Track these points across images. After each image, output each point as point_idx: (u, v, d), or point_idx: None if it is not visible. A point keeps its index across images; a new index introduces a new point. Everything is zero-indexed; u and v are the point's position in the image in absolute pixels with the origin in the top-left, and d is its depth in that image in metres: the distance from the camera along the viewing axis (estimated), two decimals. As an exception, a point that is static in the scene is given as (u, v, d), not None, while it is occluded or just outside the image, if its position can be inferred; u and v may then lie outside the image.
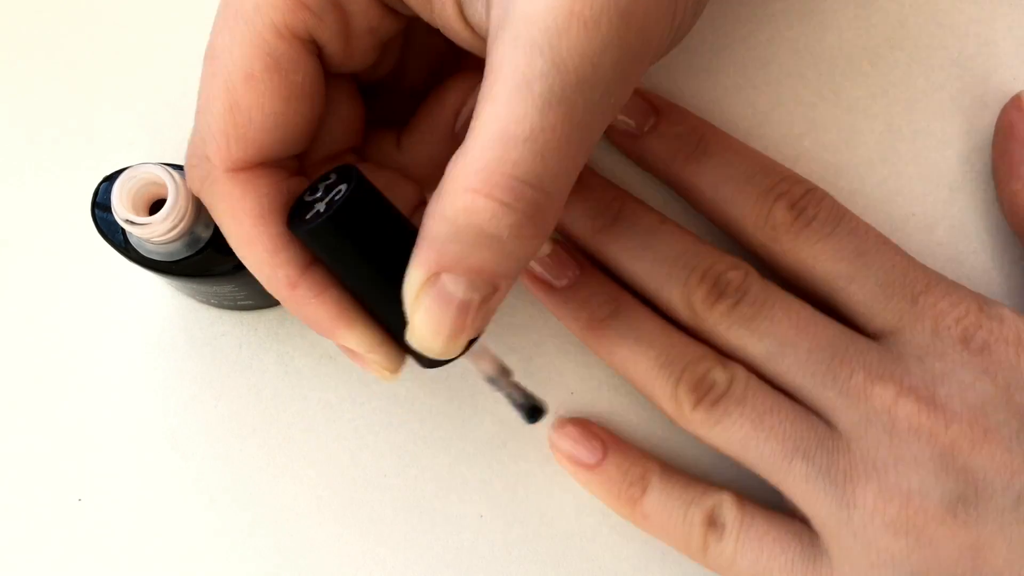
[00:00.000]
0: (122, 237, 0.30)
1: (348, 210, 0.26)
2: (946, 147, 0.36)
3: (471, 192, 0.24)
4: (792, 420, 0.31)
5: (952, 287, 0.32)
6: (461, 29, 0.26)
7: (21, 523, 0.35)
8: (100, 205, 0.30)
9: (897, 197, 0.35)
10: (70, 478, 0.35)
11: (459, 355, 0.27)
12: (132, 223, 0.28)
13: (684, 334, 0.33)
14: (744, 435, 0.31)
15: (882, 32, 0.36)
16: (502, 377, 0.31)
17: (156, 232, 0.28)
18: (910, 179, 0.36)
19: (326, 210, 0.26)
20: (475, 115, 0.24)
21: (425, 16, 0.27)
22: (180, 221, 0.28)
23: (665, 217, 0.34)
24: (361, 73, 0.30)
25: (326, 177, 0.27)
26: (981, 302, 0.32)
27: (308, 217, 0.26)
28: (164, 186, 0.28)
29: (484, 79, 0.24)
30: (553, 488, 0.35)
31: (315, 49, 0.27)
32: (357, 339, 0.28)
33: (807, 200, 0.33)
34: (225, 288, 0.32)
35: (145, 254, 0.30)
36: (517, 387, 0.32)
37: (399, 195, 0.30)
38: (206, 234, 0.30)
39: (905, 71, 0.36)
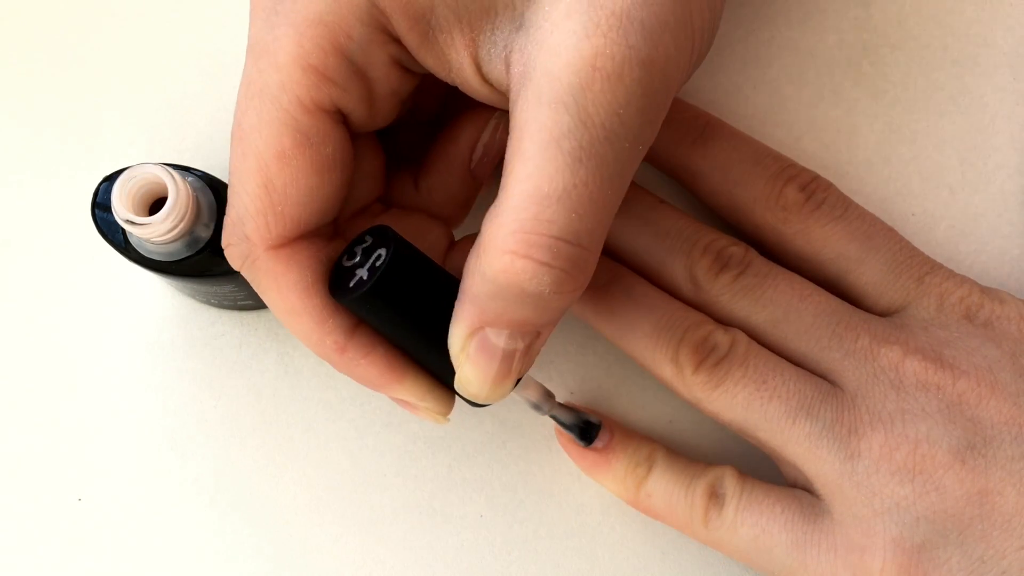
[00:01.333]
0: (122, 237, 0.30)
1: (390, 276, 0.26)
2: (946, 147, 0.36)
3: (509, 254, 0.24)
4: (796, 380, 0.31)
5: (955, 272, 0.33)
6: (479, 86, 0.27)
7: (21, 523, 0.35)
8: (100, 205, 0.30)
9: (897, 197, 0.35)
10: (70, 478, 0.35)
11: None
12: (132, 223, 0.28)
13: (683, 303, 0.33)
14: (747, 396, 0.31)
15: (882, 32, 0.36)
16: (546, 402, 0.31)
17: (156, 232, 0.28)
18: (910, 179, 0.36)
19: (369, 277, 0.26)
20: (505, 172, 0.25)
21: (441, 75, 0.27)
22: (180, 221, 0.28)
23: (663, 199, 0.34)
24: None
25: (361, 239, 0.28)
26: (982, 286, 0.32)
27: (352, 285, 0.27)
28: (164, 186, 0.28)
29: (510, 136, 0.25)
30: (553, 488, 0.35)
31: (341, 119, 0.27)
32: (408, 392, 0.29)
33: (815, 185, 0.33)
34: (225, 288, 0.32)
35: (145, 254, 0.30)
36: (563, 409, 0.32)
37: (430, 240, 0.31)
38: (206, 234, 0.30)
39: (905, 71, 0.36)
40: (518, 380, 0.28)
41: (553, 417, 0.32)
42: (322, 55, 0.26)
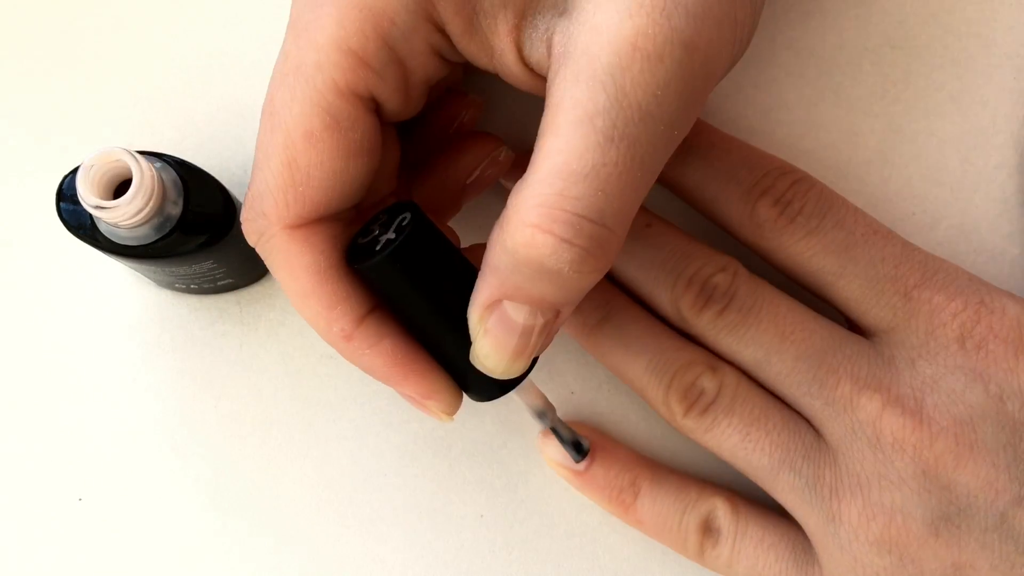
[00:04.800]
0: (90, 227, 0.30)
1: (417, 236, 0.26)
2: (946, 147, 0.36)
3: (531, 227, 0.24)
4: (780, 430, 0.31)
5: (950, 277, 0.31)
6: (520, 72, 0.27)
7: (21, 523, 0.35)
8: (66, 197, 0.30)
9: (897, 197, 0.35)
10: (70, 478, 0.35)
11: (520, 379, 0.28)
12: (101, 208, 0.27)
13: (676, 336, 0.33)
14: (733, 445, 0.31)
15: (882, 32, 0.36)
16: (549, 412, 0.32)
17: (126, 215, 0.28)
18: (910, 179, 0.36)
19: (397, 236, 0.26)
20: (536, 147, 0.24)
21: (482, 63, 0.27)
22: (148, 201, 0.28)
23: (652, 218, 0.33)
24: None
25: (377, 218, 0.28)
26: (982, 293, 0.31)
27: (378, 248, 0.26)
28: (127, 168, 0.28)
29: (545, 113, 0.25)
30: (553, 488, 0.35)
31: (374, 106, 0.27)
32: (413, 387, 0.28)
33: (793, 193, 0.32)
34: (204, 267, 0.32)
35: (118, 241, 0.30)
36: (562, 423, 0.33)
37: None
38: (175, 211, 0.30)
39: (905, 71, 0.36)
40: (535, 359, 0.27)
41: (553, 430, 0.33)
42: (363, 39, 0.25)
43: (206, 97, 0.36)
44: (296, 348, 0.36)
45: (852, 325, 0.32)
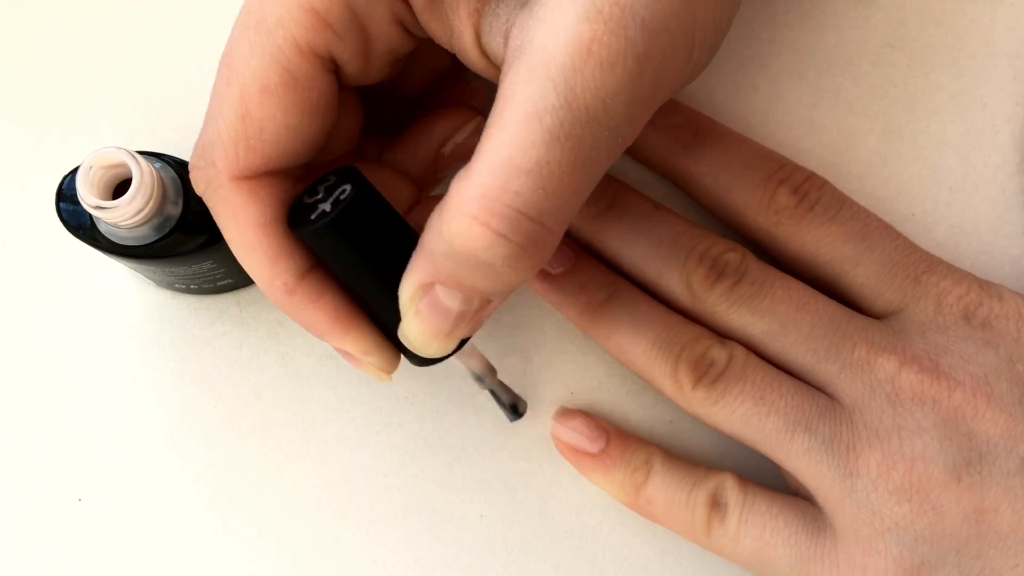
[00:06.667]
0: (89, 226, 0.30)
1: (352, 211, 0.26)
2: (946, 147, 0.36)
3: (469, 217, 0.24)
4: (793, 394, 0.31)
5: (954, 268, 0.33)
6: (476, 57, 0.27)
7: (21, 523, 0.35)
8: (66, 197, 0.30)
9: (897, 197, 0.35)
10: (70, 478, 0.35)
11: (451, 354, 0.28)
12: (101, 208, 0.28)
13: (681, 316, 0.33)
14: (745, 412, 0.31)
15: (882, 32, 0.36)
16: (489, 376, 0.32)
17: (126, 215, 0.28)
18: (910, 179, 0.36)
19: (331, 210, 0.26)
20: (483, 137, 0.25)
21: (442, 42, 0.27)
22: (148, 201, 0.28)
23: (659, 204, 0.34)
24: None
25: (325, 179, 0.28)
26: (980, 282, 0.32)
27: (313, 217, 0.27)
28: (126, 168, 0.28)
29: (495, 104, 0.25)
30: (553, 488, 0.35)
31: (333, 67, 0.27)
32: (353, 344, 0.28)
33: (808, 185, 0.33)
34: (204, 267, 0.32)
35: (119, 241, 0.30)
36: (502, 385, 0.33)
37: (396, 194, 0.31)
38: (175, 211, 0.30)
39: (905, 71, 0.36)
40: (464, 341, 0.28)
41: (492, 392, 0.33)
42: (326, 0, 0.26)
43: (206, 97, 0.36)
44: (296, 348, 0.36)
45: (862, 313, 0.33)
